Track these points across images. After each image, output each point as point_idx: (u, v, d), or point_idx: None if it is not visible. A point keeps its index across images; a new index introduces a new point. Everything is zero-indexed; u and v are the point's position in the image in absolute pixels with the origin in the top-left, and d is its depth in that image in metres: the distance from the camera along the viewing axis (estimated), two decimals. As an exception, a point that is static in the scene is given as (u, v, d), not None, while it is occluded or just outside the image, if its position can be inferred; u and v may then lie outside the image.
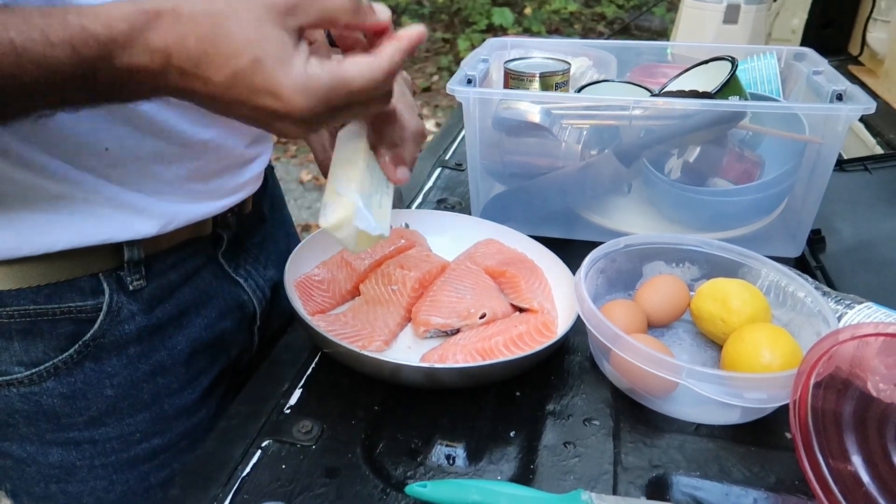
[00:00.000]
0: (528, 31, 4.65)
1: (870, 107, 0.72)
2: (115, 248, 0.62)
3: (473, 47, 1.03)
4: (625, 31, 4.36)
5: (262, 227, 0.80)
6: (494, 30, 4.67)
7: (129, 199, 0.60)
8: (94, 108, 0.47)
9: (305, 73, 0.45)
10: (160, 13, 0.43)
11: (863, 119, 1.26)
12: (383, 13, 0.50)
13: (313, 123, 0.48)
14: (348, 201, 0.54)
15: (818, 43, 1.61)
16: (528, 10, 4.93)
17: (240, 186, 0.70)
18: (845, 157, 1.06)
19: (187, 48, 0.43)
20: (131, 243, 0.62)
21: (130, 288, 0.64)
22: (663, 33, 4.43)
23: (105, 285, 0.62)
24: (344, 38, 0.54)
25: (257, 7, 0.44)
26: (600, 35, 4.74)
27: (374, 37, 0.51)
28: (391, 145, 0.60)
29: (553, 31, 4.81)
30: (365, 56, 0.47)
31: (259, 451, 0.57)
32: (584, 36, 4.78)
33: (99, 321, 0.63)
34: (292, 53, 0.45)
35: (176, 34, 0.43)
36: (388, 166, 0.60)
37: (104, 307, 0.62)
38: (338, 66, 0.46)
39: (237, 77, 0.44)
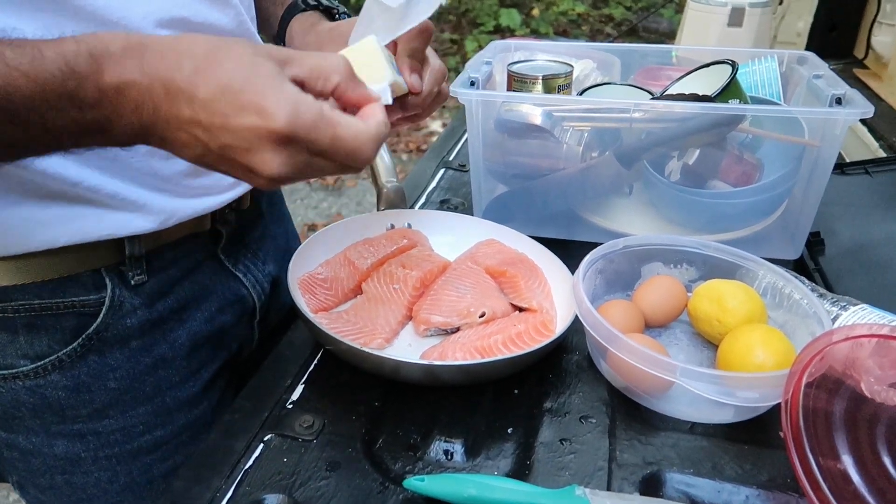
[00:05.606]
0: (535, 33, 4.64)
1: (867, 111, 0.73)
2: (117, 244, 0.63)
3: (481, 48, 1.04)
4: (633, 33, 4.36)
5: (260, 222, 0.81)
6: (502, 31, 4.67)
7: (130, 195, 0.61)
8: (73, 150, 0.46)
9: (296, 96, 0.44)
10: (160, 40, 0.44)
11: (866, 122, 1.26)
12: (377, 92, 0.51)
13: (291, 158, 0.45)
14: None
15: (823, 46, 1.62)
16: (535, 12, 4.93)
17: (238, 182, 0.70)
18: (847, 161, 1.06)
19: (181, 67, 0.43)
20: (132, 239, 0.63)
21: (132, 283, 0.65)
22: (671, 35, 4.42)
23: (107, 280, 0.64)
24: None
25: (253, 48, 0.45)
26: (608, 37, 4.73)
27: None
28: (415, 55, 0.62)
29: (561, 33, 4.81)
30: (356, 118, 0.48)
31: (261, 445, 0.58)
32: (592, 38, 4.78)
33: (102, 315, 0.64)
34: (284, 80, 0.45)
35: (171, 58, 0.44)
36: (406, 70, 0.62)
37: (107, 301, 0.64)
38: (331, 110, 0.46)
39: (224, 91, 0.43)
